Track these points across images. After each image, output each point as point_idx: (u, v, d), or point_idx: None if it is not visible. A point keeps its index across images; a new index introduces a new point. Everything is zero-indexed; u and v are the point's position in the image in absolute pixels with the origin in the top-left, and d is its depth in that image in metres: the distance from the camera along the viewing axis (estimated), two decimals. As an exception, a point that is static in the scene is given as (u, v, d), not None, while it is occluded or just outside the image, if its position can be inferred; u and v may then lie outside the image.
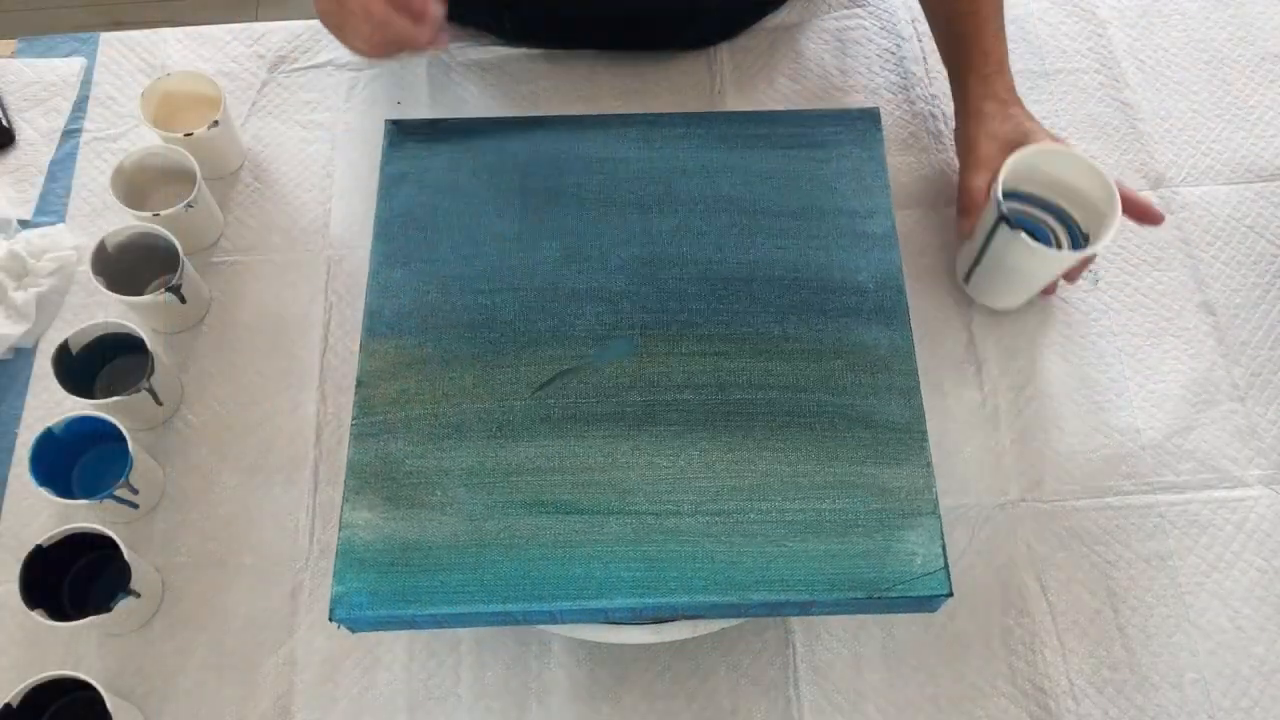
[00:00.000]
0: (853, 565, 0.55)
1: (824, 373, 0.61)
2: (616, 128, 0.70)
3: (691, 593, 0.55)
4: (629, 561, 0.55)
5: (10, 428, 0.74)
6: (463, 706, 0.66)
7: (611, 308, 0.63)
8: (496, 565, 0.55)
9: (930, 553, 0.56)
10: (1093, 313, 0.78)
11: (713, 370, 0.61)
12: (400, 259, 0.65)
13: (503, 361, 0.62)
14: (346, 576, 0.55)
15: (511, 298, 0.64)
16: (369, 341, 0.62)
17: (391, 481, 0.58)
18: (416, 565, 0.56)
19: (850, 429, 0.59)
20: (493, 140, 0.69)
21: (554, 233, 0.66)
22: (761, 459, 0.58)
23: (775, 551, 0.56)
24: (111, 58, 0.89)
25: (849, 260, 0.65)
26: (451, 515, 0.57)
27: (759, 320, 0.63)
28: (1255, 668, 0.67)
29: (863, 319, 0.63)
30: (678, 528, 0.56)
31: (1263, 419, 0.74)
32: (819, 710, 0.66)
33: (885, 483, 0.58)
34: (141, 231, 0.74)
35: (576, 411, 0.60)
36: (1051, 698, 0.66)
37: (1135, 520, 0.71)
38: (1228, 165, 0.84)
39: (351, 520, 0.57)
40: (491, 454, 0.59)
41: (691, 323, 0.62)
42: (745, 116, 0.71)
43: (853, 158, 0.68)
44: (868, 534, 0.56)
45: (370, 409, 0.60)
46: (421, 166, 0.68)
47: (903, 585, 0.55)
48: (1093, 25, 0.90)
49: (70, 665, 0.66)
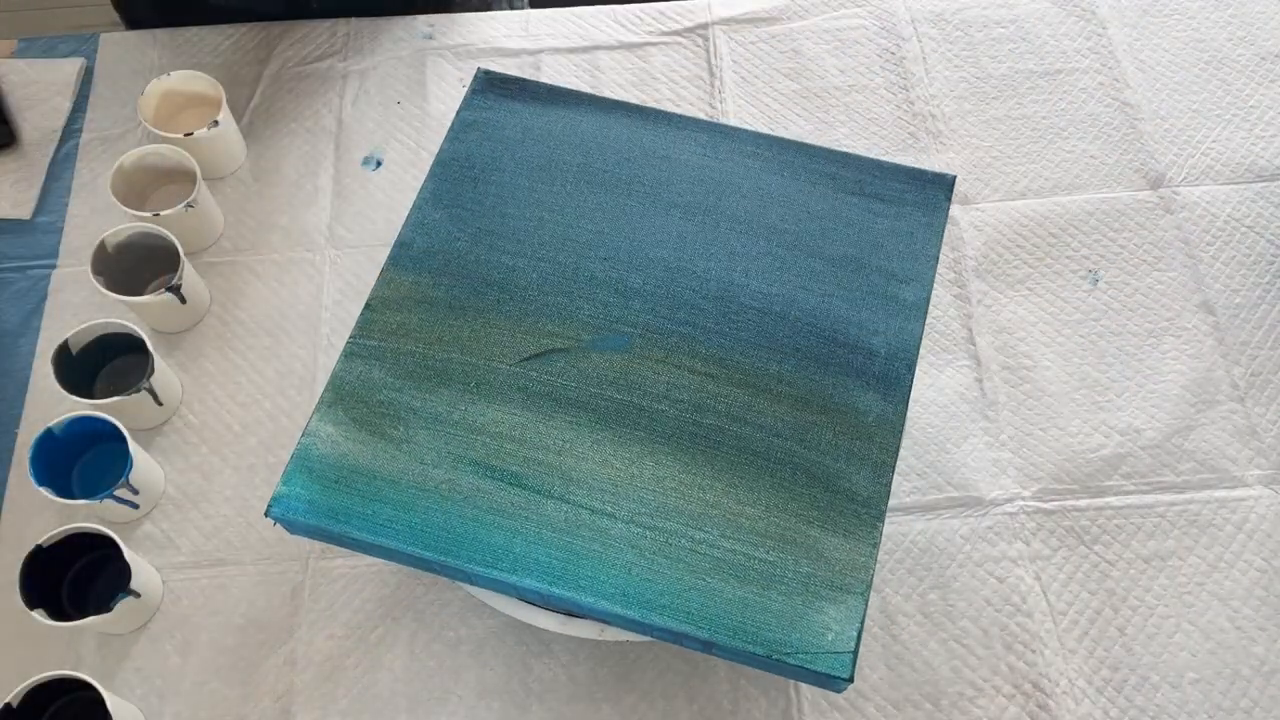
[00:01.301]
0: (763, 620, 0.54)
1: (805, 424, 0.59)
2: (690, 130, 0.70)
3: (598, 597, 0.54)
4: (549, 548, 0.55)
5: (10, 428, 0.74)
6: (463, 706, 0.66)
7: (622, 301, 0.63)
8: (428, 512, 0.56)
9: (844, 633, 0.54)
10: (1093, 313, 0.78)
11: (696, 389, 0.60)
12: (445, 201, 0.66)
13: (502, 324, 0.62)
14: (293, 479, 0.57)
15: (532, 265, 0.64)
16: (389, 269, 0.63)
17: (363, 405, 0.59)
18: (358, 490, 0.57)
19: (810, 487, 0.58)
20: (567, 112, 0.70)
21: (593, 215, 0.66)
22: (712, 489, 0.57)
23: (692, 582, 0.55)
24: (111, 58, 0.89)
25: (870, 320, 0.63)
26: (404, 454, 0.58)
27: (758, 354, 0.62)
28: (1255, 668, 0.67)
29: (862, 383, 0.61)
30: (608, 530, 0.56)
31: (1263, 419, 0.74)
32: (819, 710, 0.66)
33: (825, 550, 0.56)
34: (141, 231, 0.74)
35: (553, 390, 0.60)
36: (1051, 698, 0.66)
37: (1135, 520, 0.71)
38: (1228, 165, 0.84)
39: (315, 429, 0.58)
40: (461, 407, 0.59)
41: (692, 337, 0.62)
42: (820, 152, 0.70)
43: (909, 219, 0.66)
44: (788, 594, 0.55)
45: (369, 332, 0.61)
46: (494, 120, 0.69)
47: (804, 655, 0.53)
48: (1093, 25, 0.90)
49: (70, 665, 0.66)
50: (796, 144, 0.70)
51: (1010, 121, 0.86)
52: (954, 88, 0.87)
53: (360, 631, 0.68)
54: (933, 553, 0.70)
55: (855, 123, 0.86)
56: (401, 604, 0.69)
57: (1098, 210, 0.82)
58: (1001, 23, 0.91)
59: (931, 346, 0.77)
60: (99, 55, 0.89)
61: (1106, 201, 0.82)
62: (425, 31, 0.91)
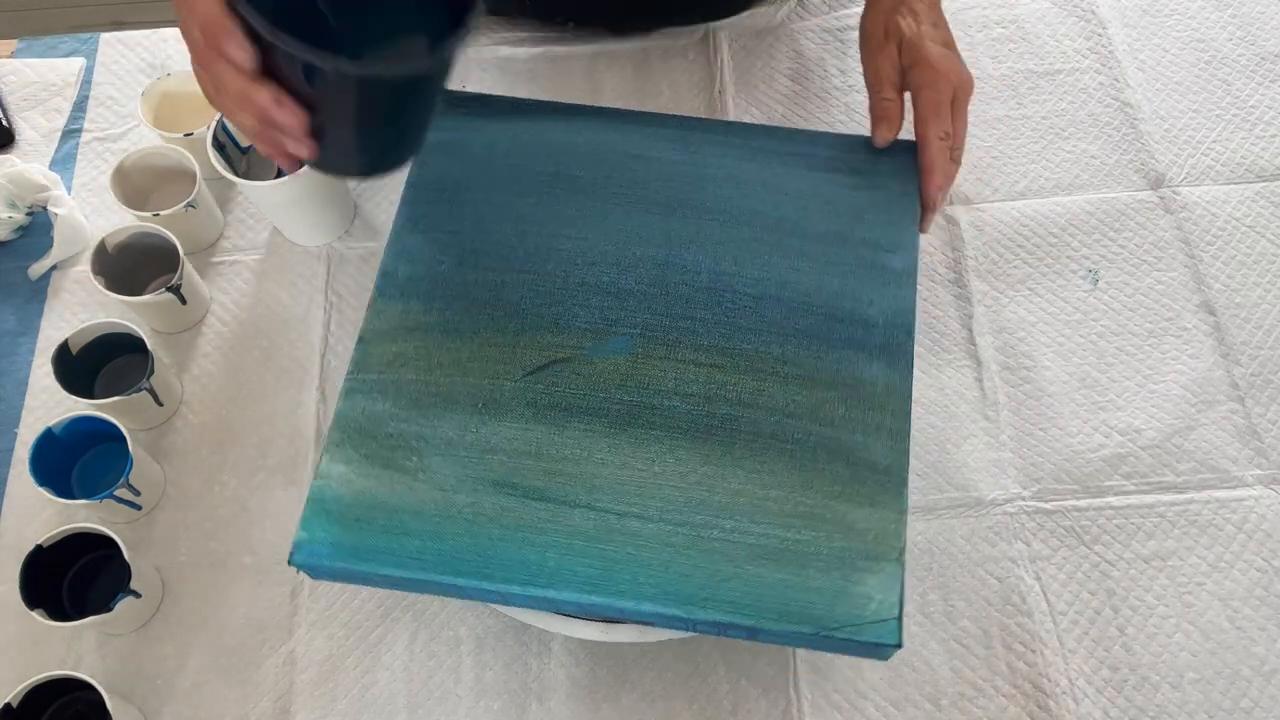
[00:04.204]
0: (805, 599, 0.54)
1: (815, 401, 0.60)
2: (655, 126, 0.70)
3: (639, 599, 0.54)
4: (584, 557, 0.55)
5: (10, 428, 0.74)
6: (463, 706, 0.66)
7: (617, 304, 0.63)
8: (456, 538, 0.55)
9: (886, 600, 0.54)
10: (1093, 313, 0.78)
11: (704, 381, 0.60)
12: (422, 225, 0.65)
13: (501, 340, 0.62)
14: (312, 525, 0.56)
15: (521, 279, 0.64)
16: (377, 300, 0.63)
17: (372, 440, 0.58)
18: (380, 525, 0.56)
19: (830, 462, 0.58)
20: (534, 122, 0.69)
21: (574, 222, 0.66)
22: (735, 477, 0.58)
23: (730, 572, 0.55)
24: (111, 58, 0.89)
25: (863, 292, 0.63)
26: (423, 482, 0.57)
27: (760, 338, 0.62)
28: (1255, 668, 0.67)
29: (865, 354, 0.61)
30: (639, 532, 0.56)
31: (1263, 419, 0.74)
32: (819, 710, 0.66)
33: (855, 522, 0.56)
34: (141, 231, 0.74)
35: (562, 401, 0.60)
36: (1051, 697, 0.66)
37: (1135, 520, 0.71)
38: (1228, 165, 0.84)
39: (327, 471, 0.57)
40: (472, 429, 0.59)
41: (692, 331, 0.62)
42: (785, 133, 0.70)
43: (887, 189, 0.67)
44: (825, 570, 0.55)
45: (366, 366, 0.61)
46: (461, 139, 0.69)
47: (851, 628, 0.54)
48: (1093, 25, 0.90)
49: (70, 665, 0.66)
50: (764, 128, 0.70)
51: (1010, 121, 0.86)
52: (954, 88, 0.87)
53: (360, 631, 0.68)
54: (933, 553, 0.70)
55: (856, 123, 0.86)
56: (401, 604, 0.69)
57: (1098, 210, 0.82)
58: (1001, 23, 0.91)
59: (931, 346, 0.77)
60: (99, 55, 0.89)
61: (1106, 201, 0.82)
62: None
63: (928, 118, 0.66)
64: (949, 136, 0.66)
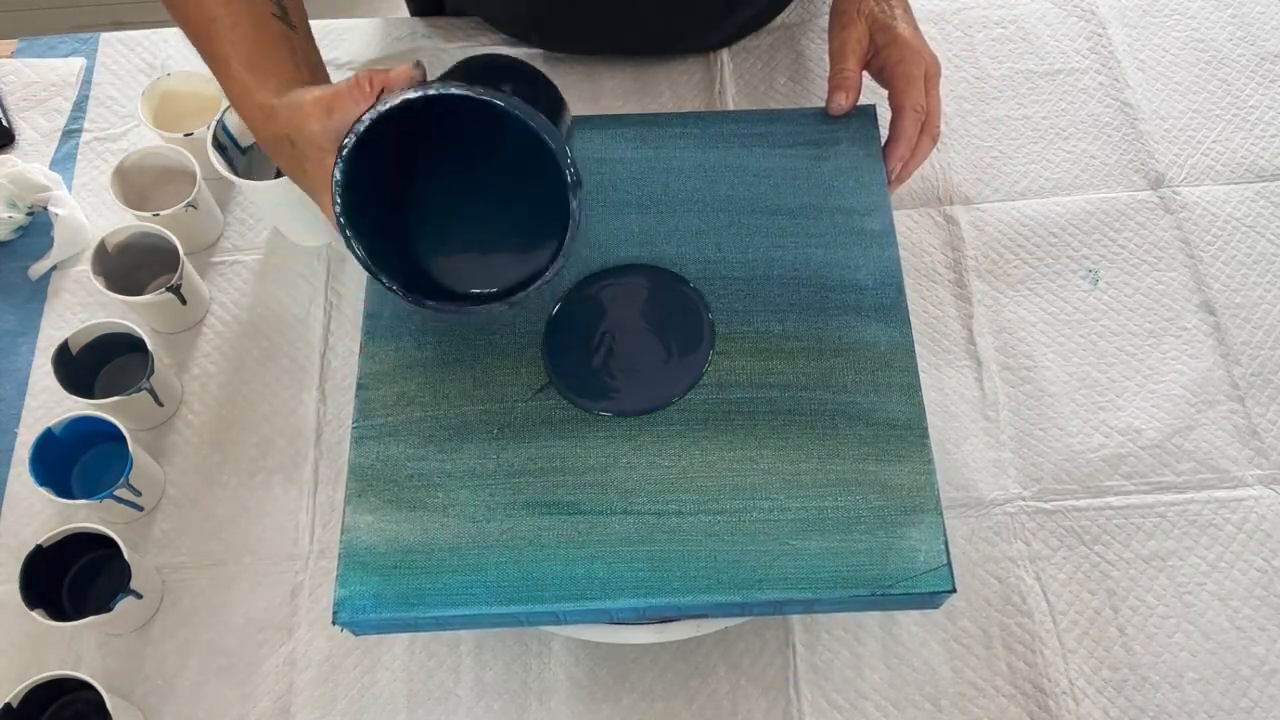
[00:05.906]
0: (856, 563, 0.55)
1: (824, 370, 0.61)
2: (614, 128, 0.70)
3: (695, 592, 0.55)
4: (632, 562, 0.55)
5: (10, 428, 0.74)
6: (463, 706, 0.66)
7: None
8: (500, 567, 0.55)
9: (933, 549, 0.56)
10: (1093, 313, 0.78)
11: (713, 369, 0.61)
12: None
13: (502, 363, 0.61)
14: (350, 580, 0.55)
15: None
16: (368, 344, 0.62)
17: (393, 484, 0.58)
18: (419, 568, 0.55)
19: (851, 426, 0.59)
20: None
21: None
22: (763, 457, 0.58)
23: (778, 550, 0.56)
24: (111, 58, 0.89)
25: (848, 258, 0.64)
26: (454, 517, 0.57)
27: (759, 319, 0.62)
28: (1255, 668, 0.67)
29: (862, 316, 0.62)
30: (680, 527, 0.56)
31: (1263, 419, 0.74)
32: (819, 710, 0.66)
33: (887, 480, 0.58)
34: (141, 231, 0.74)
35: (577, 412, 0.60)
36: (1051, 698, 0.66)
37: (1135, 520, 0.71)
38: (1228, 165, 0.84)
39: (354, 524, 0.57)
40: (493, 455, 0.58)
41: None
42: (742, 116, 0.71)
43: (849, 155, 0.68)
44: (870, 531, 0.56)
45: (370, 412, 0.60)
46: None
47: (906, 582, 0.55)
48: (1093, 25, 0.90)
49: (70, 665, 0.66)
50: (720, 114, 0.72)
51: (1010, 121, 0.86)
52: (954, 88, 0.87)
53: (360, 631, 0.68)
54: (933, 553, 0.70)
55: (855, 123, 0.86)
56: (401, 604, 0.69)
57: (1098, 210, 0.82)
58: (1001, 23, 0.91)
59: (931, 346, 0.77)
60: (99, 55, 0.89)
61: (1106, 201, 0.82)
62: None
63: (904, 89, 0.69)
64: (923, 110, 0.69)
